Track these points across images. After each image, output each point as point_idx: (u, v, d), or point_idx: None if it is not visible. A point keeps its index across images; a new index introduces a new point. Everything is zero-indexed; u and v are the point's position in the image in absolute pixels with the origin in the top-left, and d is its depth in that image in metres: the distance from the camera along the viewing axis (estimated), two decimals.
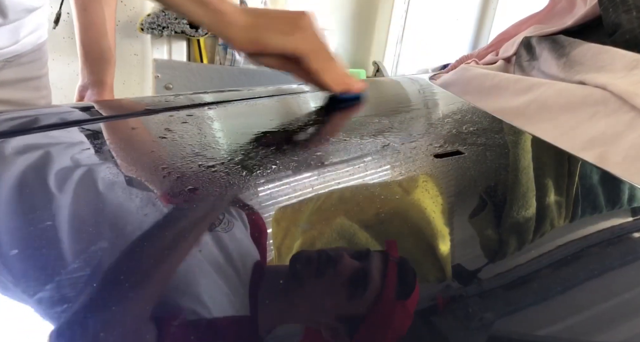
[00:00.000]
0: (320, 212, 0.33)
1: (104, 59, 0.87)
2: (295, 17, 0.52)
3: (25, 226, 0.28)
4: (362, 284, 0.25)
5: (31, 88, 0.76)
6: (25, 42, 0.71)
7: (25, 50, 0.72)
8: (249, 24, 0.50)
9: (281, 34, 0.51)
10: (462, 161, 0.41)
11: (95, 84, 0.88)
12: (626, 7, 0.60)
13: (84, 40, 0.86)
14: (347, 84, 0.56)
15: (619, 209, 0.38)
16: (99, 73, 0.87)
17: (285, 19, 0.52)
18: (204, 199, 0.32)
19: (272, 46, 0.51)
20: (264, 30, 0.51)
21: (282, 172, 0.37)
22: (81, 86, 0.89)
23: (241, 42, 0.51)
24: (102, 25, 0.84)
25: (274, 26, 0.51)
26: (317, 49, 0.53)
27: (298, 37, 0.51)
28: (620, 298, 0.28)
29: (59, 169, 0.34)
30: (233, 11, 0.50)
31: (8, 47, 0.68)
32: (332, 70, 0.54)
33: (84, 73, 0.88)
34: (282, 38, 0.51)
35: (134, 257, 0.26)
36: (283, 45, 0.51)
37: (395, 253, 0.28)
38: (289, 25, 0.51)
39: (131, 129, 0.45)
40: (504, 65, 0.74)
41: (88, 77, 0.88)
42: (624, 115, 0.47)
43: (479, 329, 0.24)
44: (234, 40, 0.51)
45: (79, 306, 0.22)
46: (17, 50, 0.70)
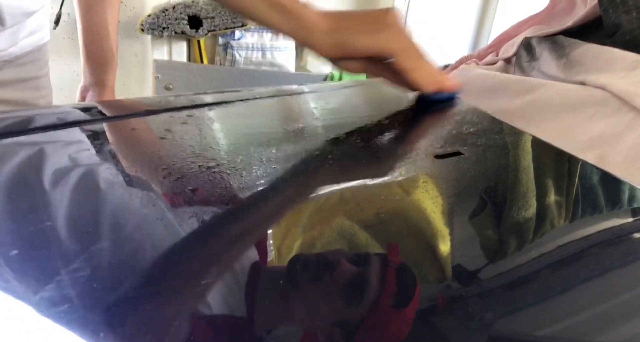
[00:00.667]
0: (321, 213, 0.33)
1: (105, 61, 0.87)
2: (380, 15, 0.50)
3: (24, 225, 0.28)
4: (360, 290, 0.25)
5: (31, 88, 0.76)
6: (24, 44, 0.71)
7: (24, 51, 0.72)
8: (332, 27, 0.48)
9: (367, 33, 0.49)
10: (462, 162, 0.41)
11: (97, 85, 0.88)
12: (626, 8, 0.60)
13: (86, 41, 0.86)
14: (439, 82, 0.53)
15: (619, 210, 0.38)
16: (100, 74, 0.87)
17: (369, 18, 0.50)
18: (204, 200, 0.32)
19: (358, 47, 0.49)
20: (348, 32, 0.49)
21: (282, 172, 0.37)
22: (83, 87, 0.89)
23: (326, 48, 0.49)
24: (104, 27, 0.85)
25: (359, 26, 0.49)
26: (406, 47, 0.50)
27: (385, 35, 0.49)
28: (620, 298, 0.28)
29: (58, 169, 0.34)
30: (315, 16, 0.48)
31: (6, 49, 0.68)
32: (423, 68, 0.51)
33: (86, 74, 0.88)
34: (368, 38, 0.49)
35: (133, 258, 0.26)
36: (369, 45, 0.49)
37: (396, 258, 0.28)
38: (374, 24, 0.49)
39: (131, 130, 0.45)
40: (504, 65, 0.74)
41: (89, 78, 0.88)
42: (624, 116, 0.48)
43: (479, 329, 0.24)
44: (318, 46, 0.49)
45: (78, 306, 0.22)
46: (16, 52, 0.70)
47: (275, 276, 0.26)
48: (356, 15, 0.51)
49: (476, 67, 0.77)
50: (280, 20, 0.48)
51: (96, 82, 0.88)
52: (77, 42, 0.85)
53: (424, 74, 0.51)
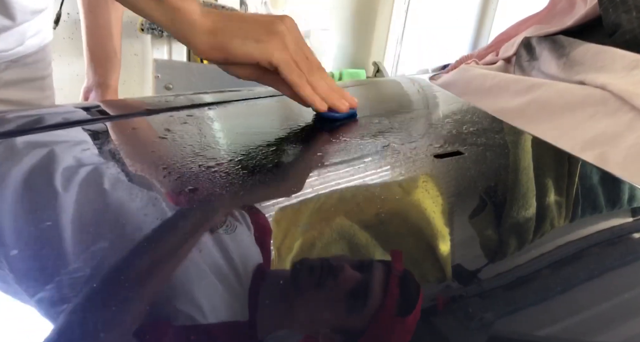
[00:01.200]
0: (321, 213, 0.33)
1: (109, 61, 0.87)
2: (270, 21, 0.45)
3: (27, 224, 0.28)
4: (363, 297, 0.25)
5: (35, 88, 0.76)
6: (29, 44, 0.71)
7: (29, 51, 0.72)
8: (214, 27, 0.44)
9: (252, 40, 0.44)
10: (462, 161, 0.41)
11: (100, 86, 0.88)
12: (626, 7, 0.60)
13: (89, 42, 0.86)
14: (331, 100, 0.48)
15: (619, 209, 0.38)
16: (103, 75, 0.88)
17: (258, 23, 0.45)
18: (204, 200, 0.32)
19: (240, 54, 0.44)
20: (231, 36, 0.44)
21: (282, 172, 0.37)
22: (86, 88, 0.89)
23: (205, 49, 0.44)
24: (108, 28, 0.85)
25: (245, 31, 0.44)
26: (296, 59, 0.45)
27: (270, 44, 0.44)
28: (620, 298, 0.28)
29: (58, 168, 0.34)
30: (196, 11, 0.44)
31: (13, 49, 0.68)
32: (315, 83, 0.46)
33: (89, 74, 0.88)
34: (253, 45, 0.43)
35: (133, 258, 0.26)
36: (251, 53, 0.44)
37: (399, 266, 0.27)
38: (262, 30, 0.44)
39: (131, 129, 0.45)
40: (504, 65, 0.74)
41: (92, 79, 0.88)
42: (624, 116, 0.47)
43: (479, 329, 0.24)
44: (196, 45, 0.44)
45: (79, 306, 0.22)
46: (21, 52, 0.71)
47: (278, 280, 0.26)
48: (244, 18, 0.46)
49: (476, 66, 0.76)
50: (157, 12, 0.43)
51: (99, 83, 0.88)
52: (77, 42, 0.85)
53: (317, 90, 0.47)
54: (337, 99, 0.48)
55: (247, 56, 0.44)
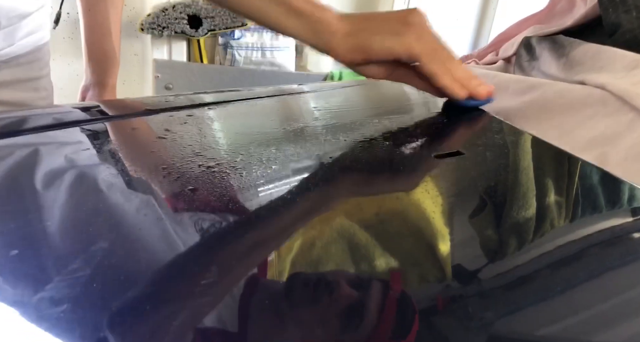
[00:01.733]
0: (321, 212, 0.33)
1: (107, 60, 0.87)
2: (403, 16, 0.46)
3: (23, 225, 0.28)
4: (358, 317, 0.24)
5: (30, 89, 0.76)
6: (22, 44, 0.71)
7: (23, 51, 0.72)
8: (351, 30, 0.45)
9: (388, 35, 0.45)
10: (462, 161, 0.41)
11: (97, 85, 0.88)
12: (626, 7, 0.60)
13: (88, 40, 0.86)
14: (471, 88, 0.48)
15: (619, 210, 0.38)
16: (101, 73, 0.87)
17: (391, 18, 0.46)
18: (204, 200, 0.32)
19: (379, 50, 0.45)
20: (368, 34, 0.45)
21: (282, 172, 0.37)
22: (84, 86, 0.89)
23: (345, 52, 0.45)
24: (106, 26, 0.84)
25: (380, 28, 0.45)
26: (432, 49, 0.46)
27: (408, 36, 0.44)
28: (620, 298, 0.28)
29: (57, 169, 0.34)
30: (332, 18, 0.45)
31: (2, 49, 0.68)
32: (451, 72, 0.47)
33: (87, 73, 0.88)
34: (390, 40, 0.44)
35: (130, 259, 0.26)
36: (391, 47, 0.44)
37: (398, 287, 0.27)
38: (396, 25, 0.45)
39: (131, 130, 0.45)
40: (504, 65, 0.74)
41: (90, 78, 0.88)
42: (624, 116, 0.47)
43: (479, 329, 0.24)
44: (337, 51, 0.45)
45: (71, 309, 0.22)
46: (13, 52, 0.70)
47: (273, 292, 0.25)
48: (377, 16, 0.47)
49: (476, 66, 0.76)
50: (298, 26, 0.45)
51: (97, 82, 0.88)
52: (77, 42, 0.84)
53: (449, 78, 0.47)
54: (476, 85, 0.49)
55: (388, 51, 0.45)
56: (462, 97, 0.48)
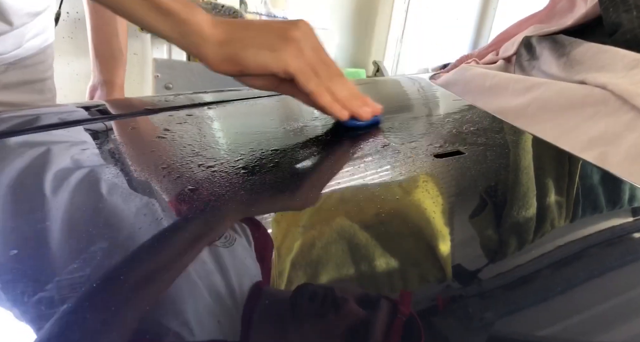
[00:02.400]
0: (321, 213, 0.33)
1: (114, 59, 0.87)
2: (284, 28, 0.42)
3: (23, 225, 0.28)
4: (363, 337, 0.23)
5: (35, 91, 0.76)
6: (29, 46, 0.71)
7: (29, 53, 0.72)
8: (225, 38, 0.41)
9: (266, 49, 0.41)
10: (462, 161, 0.41)
11: (105, 84, 0.88)
12: (626, 7, 0.60)
13: (95, 39, 0.86)
14: (351, 108, 0.45)
15: (620, 209, 0.38)
16: (108, 73, 0.87)
17: (272, 30, 0.42)
18: (204, 200, 0.32)
19: (254, 65, 0.41)
20: (244, 46, 0.41)
21: (282, 172, 0.37)
22: (91, 86, 0.89)
23: (217, 61, 0.42)
24: (113, 26, 0.84)
25: (257, 40, 0.42)
26: (313, 66, 0.42)
27: (286, 52, 0.41)
28: (620, 298, 0.28)
29: (56, 168, 0.34)
30: (204, 22, 0.41)
31: (11, 51, 0.68)
32: (334, 91, 0.44)
33: (95, 72, 0.88)
34: (267, 54, 0.41)
35: (129, 261, 0.26)
36: (265, 63, 0.41)
37: (407, 309, 0.25)
38: (276, 38, 0.42)
39: (130, 129, 0.44)
40: (504, 64, 0.74)
41: (98, 77, 0.88)
42: (624, 115, 0.47)
43: (479, 329, 0.24)
44: (207, 59, 0.42)
45: (65, 311, 0.22)
46: (20, 54, 0.70)
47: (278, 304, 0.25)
48: (256, 26, 0.43)
49: (476, 66, 0.76)
50: (165, 26, 0.41)
51: (105, 81, 0.87)
52: (77, 42, 0.84)
53: (335, 98, 0.44)
54: (359, 106, 0.46)
55: (262, 67, 0.41)
56: (343, 118, 0.45)
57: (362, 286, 0.27)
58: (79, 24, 1.61)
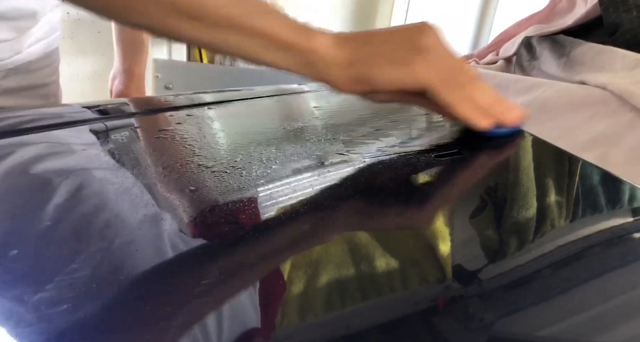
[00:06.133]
0: (320, 213, 0.33)
1: (135, 48, 0.86)
2: (411, 37, 0.39)
3: (19, 226, 0.28)
4: None
5: (37, 96, 0.74)
6: (31, 51, 0.69)
7: (32, 58, 0.70)
8: (350, 59, 0.38)
9: (395, 64, 0.38)
10: (462, 161, 0.41)
11: (124, 72, 0.87)
12: (626, 7, 0.60)
13: (117, 27, 0.85)
14: (495, 115, 0.41)
15: (620, 210, 0.38)
16: (128, 61, 0.86)
17: (398, 42, 0.39)
18: (203, 200, 0.32)
19: (385, 82, 0.38)
20: (371, 64, 0.38)
21: (282, 172, 0.37)
22: (112, 74, 0.88)
23: (345, 83, 0.39)
24: None
25: (384, 56, 0.38)
26: (448, 76, 0.39)
27: (419, 66, 0.38)
28: (620, 298, 0.28)
29: (56, 168, 0.34)
30: (326, 46, 0.38)
31: (9, 58, 0.66)
32: (473, 99, 0.40)
33: (115, 61, 0.87)
34: (398, 70, 0.38)
35: (129, 259, 0.26)
36: (400, 79, 0.38)
37: None
38: (404, 51, 0.38)
39: (130, 129, 0.44)
40: (504, 65, 0.74)
41: (118, 65, 0.87)
42: (624, 115, 0.47)
43: (479, 330, 0.24)
44: (335, 83, 0.39)
45: (60, 314, 0.22)
46: (22, 60, 0.68)
47: None
48: (381, 38, 0.40)
49: (476, 66, 0.76)
50: (285, 60, 0.38)
51: (124, 70, 0.87)
52: (77, 42, 0.84)
53: (474, 107, 0.40)
54: (501, 111, 0.41)
55: (395, 83, 0.39)
56: (486, 127, 0.41)
57: (362, 285, 0.27)
58: (79, 24, 1.61)
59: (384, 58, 0.39)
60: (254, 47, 0.37)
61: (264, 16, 0.37)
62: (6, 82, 0.68)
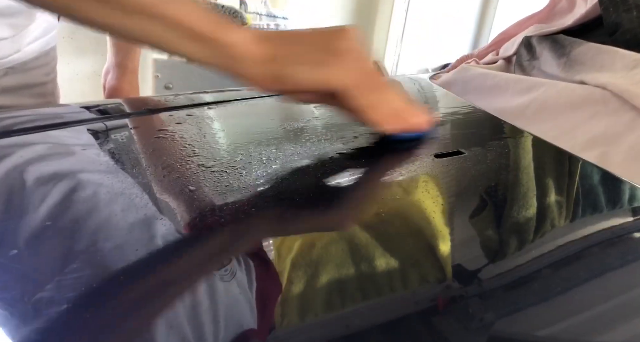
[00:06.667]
0: (320, 212, 0.33)
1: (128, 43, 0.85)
2: (329, 39, 0.40)
3: (18, 226, 0.28)
4: None
5: (35, 95, 0.74)
6: (29, 50, 0.69)
7: (30, 57, 0.70)
8: (267, 56, 0.38)
9: (312, 65, 0.39)
10: (462, 161, 0.41)
11: (117, 66, 0.85)
12: (626, 7, 0.60)
13: None
14: (404, 120, 0.42)
15: (620, 209, 0.38)
16: (121, 55, 0.85)
17: (315, 42, 0.40)
18: (203, 199, 0.32)
19: (300, 83, 0.39)
20: (288, 63, 0.39)
21: (282, 171, 0.37)
22: (105, 68, 0.87)
23: (261, 80, 0.39)
24: None
25: (302, 55, 0.39)
26: (361, 81, 0.40)
27: (334, 68, 0.39)
28: (620, 298, 0.28)
29: (55, 168, 0.34)
30: (245, 41, 0.38)
31: (9, 56, 0.66)
32: (383, 104, 0.41)
33: (109, 55, 0.87)
34: (314, 71, 0.39)
35: (128, 259, 0.26)
36: (314, 80, 0.39)
37: None
38: (320, 52, 0.39)
39: (130, 129, 0.44)
40: (505, 65, 0.74)
41: (111, 59, 0.86)
42: (624, 115, 0.47)
43: (480, 330, 0.24)
44: (252, 79, 0.39)
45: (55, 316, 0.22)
46: (20, 58, 0.68)
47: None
48: (300, 38, 0.40)
49: (476, 66, 0.76)
50: (202, 53, 0.37)
51: (117, 64, 0.86)
52: (77, 42, 0.84)
53: (385, 111, 0.41)
54: (410, 116, 0.43)
55: (308, 84, 0.39)
56: (392, 131, 0.42)
57: (362, 285, 0.27)
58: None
59: (300, 58, 0.39)
60: (168, 37, 0.36)
61: (180, 5, 0.36)
62: (4, 80, 0.68)
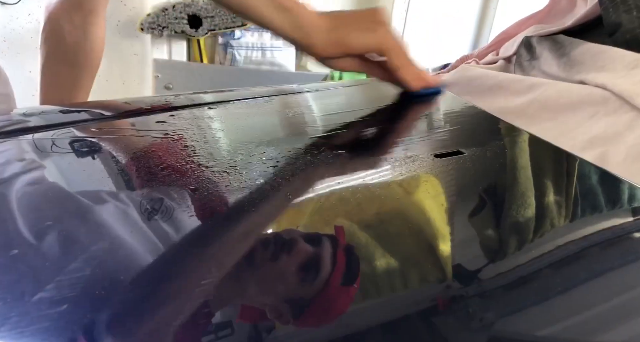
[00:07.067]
0: (321, 213, 0.33)
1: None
2: (373, 14, 0.52)
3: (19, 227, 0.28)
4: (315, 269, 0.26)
5: None
6: None
7: None
8: (330, 26, 0.50)
9: (364, 31, 0.51)
10: (462, 161, 0.41)
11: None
12: (626, 7, 0.60)
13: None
14: (424, 79, 0.55)
15: (619, 209, 0.38)
16: None
17: (363, 16, 0.52)
18: (203, 199, 0.32)
19: (357, 45, 0.51)
20: (346, 30, 0.50)
21: (281, 171, 0.37)
22: None
23: (325, 46, 0.50)
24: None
25: (356, 25, 0.51)
26: (397, 46, 0.52)
27: (380, 33, 0.51)
28: (620, 298, 0.28)
29: (54, 168, 0.34)
30: (313, 14, 0.50)
31: None
32: (410, 66, 0.53)
33: None
34: (366, 36, 0.51)
35: (127, 259, 0.26)
36: (367, 42, 0.51)
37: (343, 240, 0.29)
38: (368, 22, 0.51)
39: (130, 129, 0.44)
40: (504, 65, 0.73)
41: None
42: (624, 115, 0.47)
43: (480, 330, 0.24)
44: (317, 46, 0.50)
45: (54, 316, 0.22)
46: None
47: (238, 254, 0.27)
48: (350, 14, 0.53)
49: (476, 66, 0.76)
50: (281, 20, 0.48)
51: None
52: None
53: (412, 72, 0.53)
54: (428, 78, 0.55)
55: (365, 46, 0.51)
56: (418, 88, 0.54)
57: (362, 285, 0.27)
58: None
59: (355, 27, 0.51)
60: (260, 6, 0.48)
61: None
62: None
